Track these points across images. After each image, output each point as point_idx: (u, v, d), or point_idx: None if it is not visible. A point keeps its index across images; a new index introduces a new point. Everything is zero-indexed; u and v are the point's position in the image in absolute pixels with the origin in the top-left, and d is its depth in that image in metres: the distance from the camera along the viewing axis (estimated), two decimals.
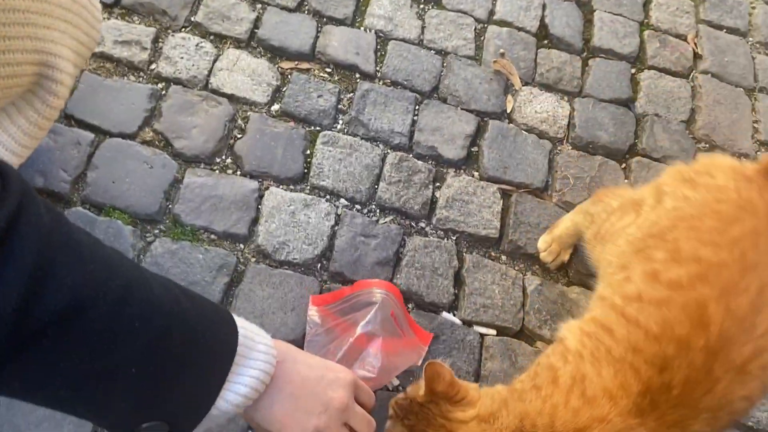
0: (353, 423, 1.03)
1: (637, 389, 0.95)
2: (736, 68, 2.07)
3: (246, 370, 0.85)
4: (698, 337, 0.93)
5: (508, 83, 1.89)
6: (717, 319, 0.94)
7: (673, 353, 0.94)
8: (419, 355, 1.38)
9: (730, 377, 0.93)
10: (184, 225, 1.49)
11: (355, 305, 1.36)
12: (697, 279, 1.00)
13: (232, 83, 1.70)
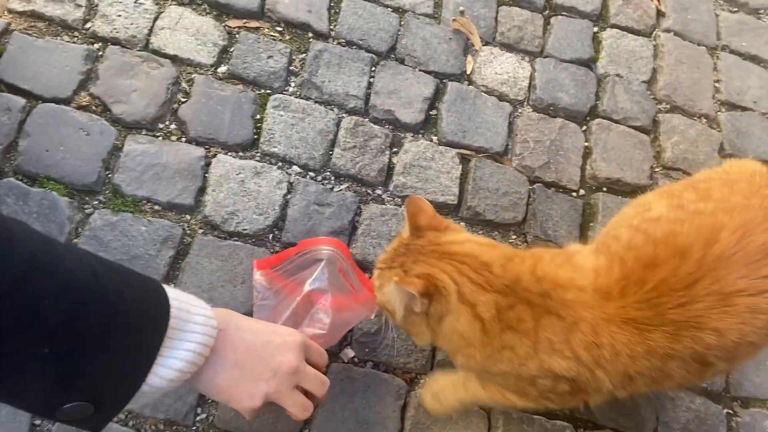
0: (306, 385, 1.02)
1: (616, 275, 0.98)
2: (699, 26, 2.04)
3: (181, 344, 0.82)
4: (697, 250, 0.94)
5: (467, 43, 1.82)
6: (725, 243, 0.93)
7: (665, 256, 0.95)
8: (371, 309, 1.34)
9: (710, 302, 0.92)
10: (125, 195, 1.41)
11: (301, 264, 1.32)
12: (721, 211, 1.01)
13: (174, 43, 1.59)
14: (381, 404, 1.35)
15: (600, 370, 0.98)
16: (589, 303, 0.98)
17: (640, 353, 0.96)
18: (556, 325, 0.98)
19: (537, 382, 1.04)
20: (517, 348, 1.01)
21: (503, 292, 1.01)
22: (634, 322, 0.95)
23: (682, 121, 1.85)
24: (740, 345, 0.97)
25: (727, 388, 1.55)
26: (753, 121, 1.91)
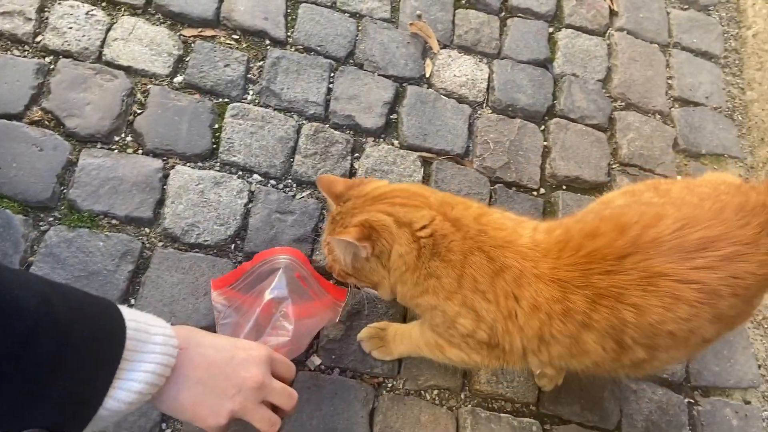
0: (272, 399, 1.01)
1: (557, 238, 1.04)
2: (651, 24, 2.08)
3: (139, 365, 0.81)
4: (636, 229, 0.98)
5: (425, 46, 1.84)
6: (663, 229, 0.97)
7: (605, 230, 1.01)
8: (336, 312, 1.35)
9: (635, 277, 0.96)
10: (81, 211, 1.39)
11: (259, 276, 1.31)
12: (671, 204, 1.07)
13: (128, 54, 1.57)
14: (349, 411, 1.35)
15: (514, 322, 1.03)
16: (523, 253, 1.04)
17: (558, 313, 1.00)
18: (485, 266, 1.04)
19: (458, 322, 1.09)
20: (442, 279, 1.08)
21: (443, 214, 1.09)
22: (560, 282, 1.00)
23: (637, 118, 1.89)
24: (659, 332, 0.99)
25: (688, 378, 1.59)
26: (705, 116, 1.96)
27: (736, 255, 0.97)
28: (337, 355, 1.41)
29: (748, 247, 0.98)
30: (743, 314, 1.07)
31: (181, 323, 1.32)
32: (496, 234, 1.07)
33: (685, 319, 0.97)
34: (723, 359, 1.63)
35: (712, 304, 0.97)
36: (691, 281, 0.96)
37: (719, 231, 0.98)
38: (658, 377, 1.56)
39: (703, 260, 0.96)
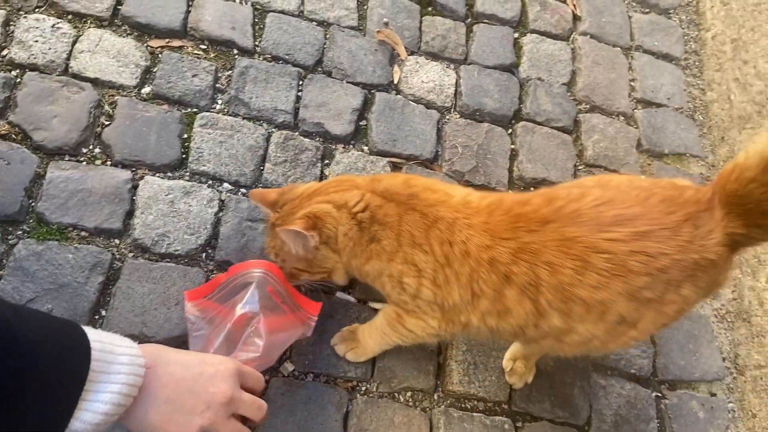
0: (242, 411, 1.02)
1: (489, 202, 1.16)
2: (613, 28, 2.14)
3: (105, 386, 0.81)
4: (561, 202, 1.08)
5: (393, 53, 1.86)
6: (584, 204, 1.06)
7: (536, 201, 1.12)
8: (308, 325, 1.36)
9: (553, 239, 1.06)
10: (50, 224, 1.38)
11: (233, 290, 1.32)
12: (599, 187, 1.13)
13: (95, 66, 1.57)
14: (323, 415, 1.37)
15: (449, 269, 1.13)
16: (455, 207, 1.15)
17: (485, 261, 1.09)
18: (419, 221, 1.15)
19: (404, 282, 1.18)
20: (383, 241, 1.18)
21: (372, 190, 1.21)
22: (490, 232, 1.10)
23: (602, 119, 1.94)
24: (570, 296, 1.06)
25: (655, 372, 1.63)
26: (667, 117, 2.02)
27: (650, 234, 1.03)
28: (310, 360, 1.42)
29: (665, 231, 1.04)
30: (671, 303, 1.09)
31: (153, 333, 1.34)
32: (428, 196, 1.18)
33: (595, 287, 1.04)
34: (688, 353, 1.67)
35: (623, 278, 1.03)
36: (601, 250, 1.03)
37: (637, 211, 1.05)
38: (626, 372, 1.60)
39: (614, 233, 1.03)
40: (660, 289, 1.06)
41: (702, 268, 1.07)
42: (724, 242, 1.07)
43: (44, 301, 1.31)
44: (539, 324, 1.13)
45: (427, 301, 1.20)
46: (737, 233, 1.06)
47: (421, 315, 1.24)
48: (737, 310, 1.75)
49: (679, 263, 1.04)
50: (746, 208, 1.04)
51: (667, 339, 1.67)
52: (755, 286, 1.71)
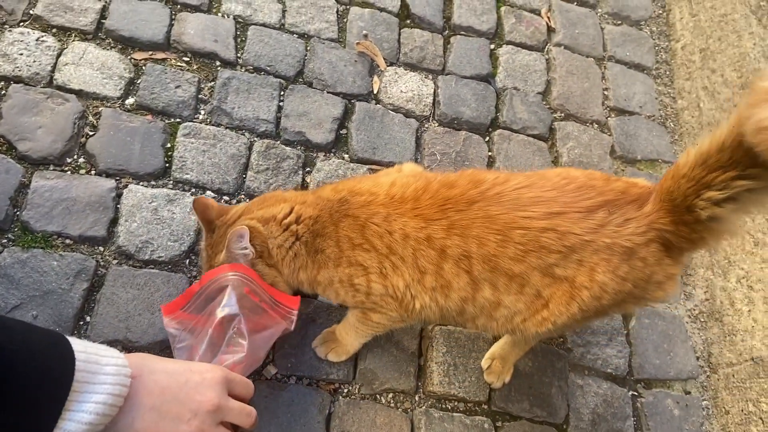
0: (231, 419, 1.03)
1: (416, 187, 1.24)
2: (586, 39, 2.20)
3: (89, 396, 0.82)
4: (486, 184, 1.20)
5: (373, 64, 1.91)
6: (506, 187, 1.19)
7: (463, 183, 1.21)
8: (290, 320, 1.36)
9: (479, 216, 1.16)
10: (35, 232, 1.41)
11: (208, 296, 1.30)
12: (523, 176, 1.24)
13: (79, 78, 1.60)
14: (306, 417, 1.39)
15: (395, 256, 1.21)
16: (384, 204, 1.23)
17: (423, 239, 1.19)
18: (354, 224, 1.23)
19: (355, 283, 1.25)
20: (326, 250, 1.25)
21: (302, 201, 1.27)
22: (422, 216, 1.20)
23: (576, 127, 2.00)
24: (497, 266, 1.16)
25: (631, 371, 1.68)
26: (640, 124, 2.08)
27: (561, 214, 1.14)
28: (292, 363, 1.45)
29: (578, 213, 1.14)
30: (584, 287, 1.15)
31: (137, 338, 1.36)
32: (356, 199, 1.25)
33: (514, 258, 1.15)
34: (663, 352, 1.72)
35: (536, 253, 1.14)
36: (518, 226, 1.15)
37: (553, 195, 1.16)
38: (602, 371, 1.64)
39: (530, 212, 1.16)
40: (571, 269, 1.15)
41: (618, 254, 1.13)
42: (649, 236, 1.13)
43: (29, 308, 1.32)
44: (476, 297, 1.22)
45: (380, 295, 1.26)
46: (666, 230, 1.12)
47: (382, 310, 1.30)
48: (710, 310, 1.80)
49: (589, 245, 1.13)
50: (674, 204, 1.10)
51: (643, 339, 1.72)
52: (726, 287, 1.76)
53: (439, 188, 1.22)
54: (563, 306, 1.17)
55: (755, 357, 1.61)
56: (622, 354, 1.68)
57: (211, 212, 1.31)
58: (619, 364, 1.67)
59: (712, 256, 1.83)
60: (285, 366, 1.44)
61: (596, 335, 1.68)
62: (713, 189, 1.03)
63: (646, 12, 2.35)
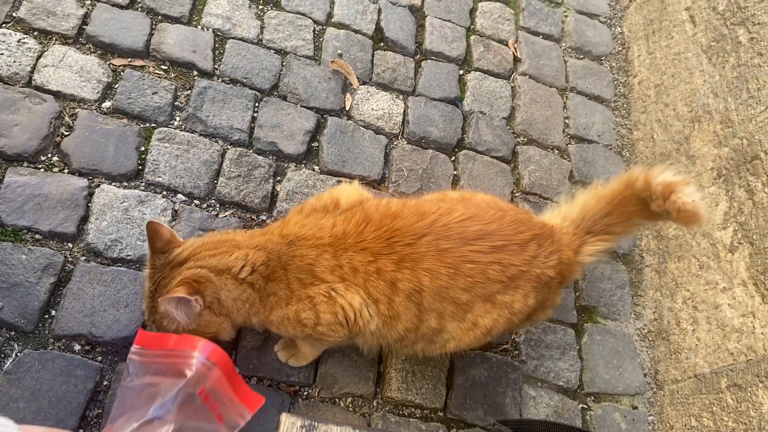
0: None
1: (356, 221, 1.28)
2: (550, 70, 2.32)
3: None
4: (433, 217, 1.28)
5: (346, 82, 1.99)
6: (452, 219, 1.29)
7: (408, 214, 1.29)
8: (236, 426, 1.26)
9: (429, 250, 1.25)
10: (5, 225, 1.43)
11: (169, 367, 1.24)
12: (461, 204, 1.36)
13: (58, 80, 1.64)
14: (265, 416, 1.42)
15: (346, 282, 1.25)
16: (327, 242, 1.26)
17: (373, 272, 1.24)
18: (303, 266, 1.25)
19: (302, 318, 1.26)
20: (278, 293, 1.26)
21: (254, 246, 1.26)
22: (368, 250, 1.24)
23: (537, 152, 2.09)
24: (446, 297, 1.26)
25: (582, 385, 1.75)
26: (597, 152, 2.19)
27: (504, 248, 1.29)
28: (254, 364, 1.48)
29: (516, 246, 1.31)
30: (519, 312, 1.33)
31: (101, 333, 1.38)
32: (303, 243, 1.26)
33: (464, 289, 1.26)
34: (612, 368, 1.80)
35: (482, 283, 1.27)
36: (468, 260, 1.26)
37: (494, 228, 1.30)
38: (554, 384, 1.70)
39: (477, 246, 1.27)
40: (509, 295, 1.31)
41: (543, 282, 1.34)
42: (558, 269, 1.36)
43: None
44: (420, 327, 1.30)
45: (328, 325, 1.26)
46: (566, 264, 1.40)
47: (326, 339, 1.32)
48: (657, 329, 1.89)
49: (525, 274, 1.31)
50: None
51: (594, 354, 1.79)
52: (673, 307, 1.86)
53: (382, 219, 1.27)
54: (497, 323, 1.32)
55: (698, 374, 1.70)
56: (573, 368, 1.75)
57: (158, 240, 1.26)
58: (571, 377, 1.74)
59: (661, 278, 1.93)
60: (247, 366, 1.47)
61: (550, 349, 1.75)
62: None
63: (607, 48, 2.49)
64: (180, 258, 1.24)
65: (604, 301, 1.90)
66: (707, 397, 1.64)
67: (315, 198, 1.43)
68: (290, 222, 1.32)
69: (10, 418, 0.80)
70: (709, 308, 1.73)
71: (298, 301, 1.25)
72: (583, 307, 1.87)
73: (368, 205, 1.34)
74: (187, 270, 1.22)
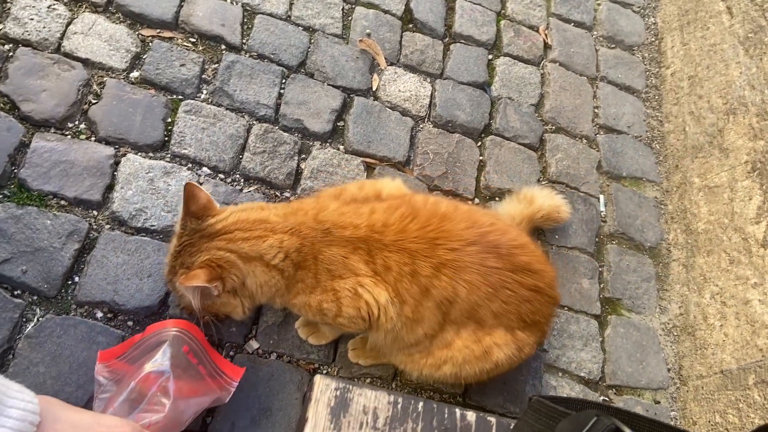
0: None
1: (400, 214, 1.24)
2: (581, 59, 2.28)
3: None
4: (484, 227, 1.26)
5: (373, 62, 1.96)
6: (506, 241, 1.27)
7: (459, 218, 1.26)
8: (227, 391, 1.26)
9: (475, 261, 1.22)
10: (31, 190, 1.42)
11: (145, 349, 1.24)
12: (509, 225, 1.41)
13: (87, 47, 1.63)
14: (284, 392, 1.41)
15: (376, 277, 1.21)
16: (365, 235, 1.20)
17: (407, 273, 1.20)
18: (333, 258, 1.20)
19: (323, 308, 1.22)
20: (306, 280, 1.21)
21: (287, 230, 1.20)
22: (407, 249, 1.20)
23: (565, 140, 2.06)
24: (474, 315, 1.24)
25: (603, 377, 1.71)
26: (627, 143, 2.15)
27: (541, 291, 1.31)
28: (275, 340, 1.47)
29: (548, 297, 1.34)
30: (521, 358, 1.35)
31: (124, 302, 1.38)
32: (339, 233, 1.21)
33: (494, 313, 1.25)
34: (635, 361, 1.76)
35: (512, 315, 1.28)
36: (509, 287, 1.24)
37: (540, 268, 1.31)
38: (576, 375, 1.68)
39: (521, 277, 1.26)
40: (525, 335, 1.31)
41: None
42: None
43: (19, 263, 1.34)
44: (436, 335, 1.26)
45: (349, 318, 1.23)
46: None
47: (345, 328, 1.30)
48: (683, 324, 1.85)
49: (541, 325, 1.35)
50: None
51: (617, 347, 1.76)
52: (700, 302, 1.82)
53: (430, 217, 1.23)
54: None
55: (725, 370, 1.66)
56: (596, 359, 1.72)
57: (193, 204, 1.21)
58: (593, 368, 1.71)
59: (689, 273, 1.89)
60: (267, 342, 1.46)
61: (572, 339, 1.72)
62: None
63: (640, 38, 2.44)
64: (212, 230, 1.19)
65: (629, 293, 1.86)
66: (733, 394, 1.60)
67: (356, 187, 1.39)
68: (327, 207, 1.25)
69: (29, 384, 0.80)
70: (738, 304, 1.69)
71: (323, 291, 1.22)
72: (608, 299, 1.83)
73: (415, 199, 1.30)
74: (216, 250, 1.17)
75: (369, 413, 1.09)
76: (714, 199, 1.90)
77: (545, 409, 0.88)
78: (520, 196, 1.74)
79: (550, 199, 1.74)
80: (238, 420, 1.35)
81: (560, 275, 1.80)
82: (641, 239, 1.97)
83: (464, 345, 1.26)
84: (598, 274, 1.85)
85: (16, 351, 1.28)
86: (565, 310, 1.76)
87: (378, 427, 1.08)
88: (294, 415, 1.40)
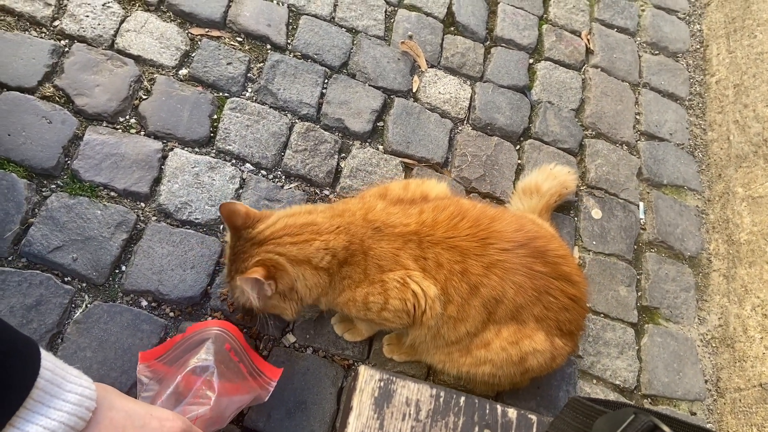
0: None
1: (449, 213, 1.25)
2: (623, 64, 2.26)
3: (39, 418, 0.74)
4: (530, 232, 1.28)
5: (414, 64, 1.98)
6: (551, 249, 1.28)
7: (509, 221, 1.28)
8: (266, 390, 1.28)
9: (523, 264, 1.23)
10: (83, 181, 1.48)
11: (187, 348, 1.26)
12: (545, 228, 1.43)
13: (139, 45, 1.69)
14: (319, 386, 1.43)
15: (427, 272, 1.22)
16: (415, 231, 1.22)
17: (458, 271, 1.21)
18: (385, 253, 1.21)
19: (369, 302, 1.23)
20: (353, 276, 1.23)
21: (333, 230, 1.22)
22: (458, 248, 1.21)
23: (606, 146, 2.04)
24: (517, 316, 1.24)
25: (639, 386, 1.70)
26: (669, 151, 2.12)
27: (579, 301, 1.32)
28: (311, 335, 1.49)
29: (583, 308, 1.35)
30: (550, 366, 1.36)
31: (168, 291, 1.42)
32: (390, 230, 1.23)
33: (536, 317, 1.25)
34: (672, 371, 1.74)
35: (552, 320, 1.28)
36: (552, 294, 1.26)
37: (580, 281, 1.33)
38: (610, 383, 1.66)
39: (564, 286, 1.27)
40: (561, 342, 1.31)
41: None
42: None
43: (70, 251, 1.39)
44: (477, 334, 1.27)
45: (394, 311, 1.24)
46: None
47: (388, 323, 1.30)
48: (722, 336, 1.82)
49: (574, 336, 1.35)
50: None
51: (653, 356, 1.74)
52: (741, 314, 1.78)
53: (479, 217, 1.25)
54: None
55: (764, 383, 1.63)
56: (631, 368, 1.70)
57: (236, 219, 1.23)
58: (628, 377, 1.69)
59: (729, 284, 1.86)
60: (304, 336, 1.49)
61: (608, 346, 1.71)
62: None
63: (684, 45, 2.40)
64: (261, 237, 1.21)
65: (667, 302, 1.84)
66: None
67: (400, 186, 1.39)
68: (374, 207, 1.27)
69: (77, 368, 0.82)
70: None
71: (371, 284, 1.22)
72: (645, 308, 1.81)
73: (462, 201, 1.31)
74: (266, 253, 1.20)
75: (412, 405, 1.10)
76: (758, 209, 1.86)
77: (582, 407, 0.88)
78: (526, 190, 1.73)
79: (553, 179, 1.74)
80: (273, 412, 1.38)
81: (597, 282, 1.79)
82: (681, 248, 1.95)
83: (501, 347, 1.26)
84: (635, 282, 1.83)
85: (65, 335, 1.33)
86: (601, 316, 1.74)
87: (420, 419, 1.09)
88: (328, 408, 1.42)
